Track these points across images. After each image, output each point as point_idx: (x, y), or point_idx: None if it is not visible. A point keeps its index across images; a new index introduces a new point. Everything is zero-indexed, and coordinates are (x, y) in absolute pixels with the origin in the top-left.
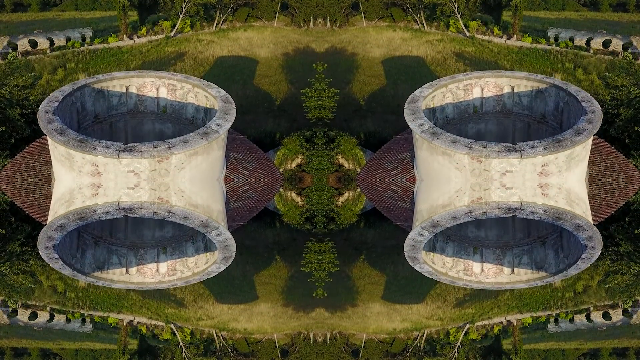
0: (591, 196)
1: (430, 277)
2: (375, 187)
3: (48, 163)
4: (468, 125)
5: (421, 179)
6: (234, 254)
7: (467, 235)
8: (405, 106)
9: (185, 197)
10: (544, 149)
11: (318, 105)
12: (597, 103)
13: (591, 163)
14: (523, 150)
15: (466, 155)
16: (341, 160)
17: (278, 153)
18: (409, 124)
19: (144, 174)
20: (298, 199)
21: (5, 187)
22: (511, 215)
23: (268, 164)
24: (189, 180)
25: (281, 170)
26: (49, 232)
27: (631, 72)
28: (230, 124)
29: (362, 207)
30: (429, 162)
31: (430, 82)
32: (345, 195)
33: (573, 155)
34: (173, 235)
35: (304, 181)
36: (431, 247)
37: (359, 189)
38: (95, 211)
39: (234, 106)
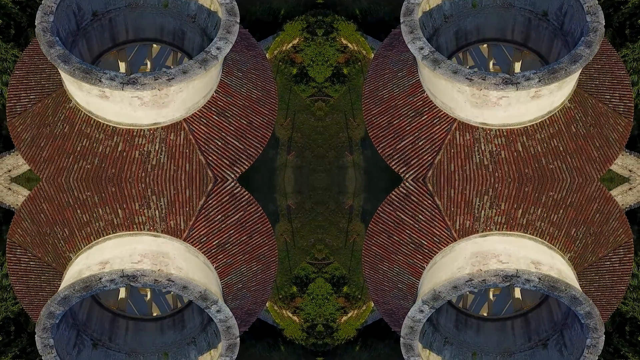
0: None
1: None
2: (382, 287)
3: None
4: (467, 20)
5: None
6: (239, 340)
7: (466, 340)
8: (402, 20)
9: (184, 272)
10: (539, 81)
11: None
12: (602, 16)
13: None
14: (519, 82)
15: (467, 87)
16: (344, 42)
17: (277, 39)
18: (408, 45)
19: (147, 98)
20: (295, 317)
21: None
22: (508, 284)
23: (263, 62)
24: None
25: (276, 52)
26: (51, 307)
27: None
28: (231, 45)
29: (363, 321)
30: (434, 81)
31: None
32: (350, 314)
33: (565, 79)
34: (174, 340)
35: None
36: (428, 344)
37: (364, 307)
38: (100, 279)
39: (238, 19)
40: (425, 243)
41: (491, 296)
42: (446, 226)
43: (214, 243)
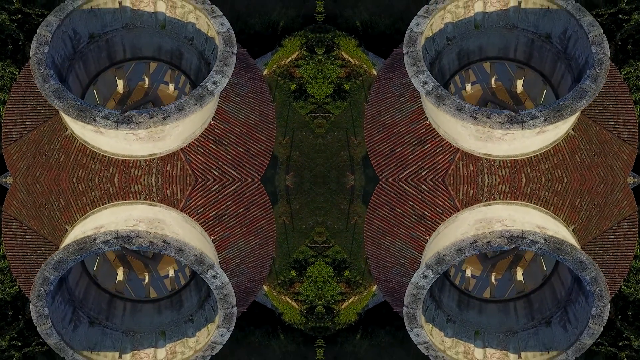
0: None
1: (426, 352)
2: (384, 263)
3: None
4: (469, 40)
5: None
6: (236, 310)
7: (468, 319)
8: (405, 51)
9: (180, 238)
10: (545, 119)
11: None
12: (607, 46)
13: None
14: (525, 121)
15: (472, 125)
16: (345, 56)
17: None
18: (412, 79)
19: (142, 134)
20: (294, 303)
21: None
22: (514, 245)
23: (261, 84)
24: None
25: (275, 66)
26: (45, 272)
27: None
28: (228, 79)
29: (365, 305)
30: (437, 113)
31: (426, 7)
32: (350, 300)
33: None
34: (171, 320)
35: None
36: (431, 319)
37: (365, 293)
38: (94, 240)
39: (235, 50)
40: (428, 214)
41: (493, 280)
42: (449, 196)
43: (211, 214)
